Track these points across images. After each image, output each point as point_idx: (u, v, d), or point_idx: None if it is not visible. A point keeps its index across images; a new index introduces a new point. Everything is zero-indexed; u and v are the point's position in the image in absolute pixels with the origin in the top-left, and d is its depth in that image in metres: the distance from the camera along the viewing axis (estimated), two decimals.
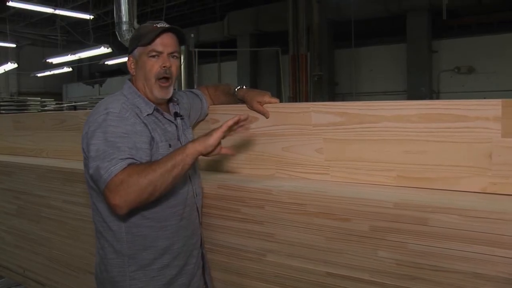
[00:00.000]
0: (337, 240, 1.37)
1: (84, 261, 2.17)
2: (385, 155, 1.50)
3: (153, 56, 1.47)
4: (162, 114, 1.52)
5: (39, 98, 13.26)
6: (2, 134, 3.15)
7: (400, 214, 1.26)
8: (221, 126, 1.36)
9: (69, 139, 2.60)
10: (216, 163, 1.92)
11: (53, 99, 14.69)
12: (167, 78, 1.50)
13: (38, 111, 11.35)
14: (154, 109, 1.49)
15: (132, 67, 1.52)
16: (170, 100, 1.59)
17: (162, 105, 1.55)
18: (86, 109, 12.23)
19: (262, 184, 1.60)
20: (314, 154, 1.65)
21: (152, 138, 1.43)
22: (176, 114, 1.58)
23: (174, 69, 1.51)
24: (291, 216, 1.46)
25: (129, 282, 1.43)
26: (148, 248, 1.44)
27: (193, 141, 1.36)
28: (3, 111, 11.06)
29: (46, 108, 12.93)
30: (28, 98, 13.49)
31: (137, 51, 1.50)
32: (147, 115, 1.47)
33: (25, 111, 11.10)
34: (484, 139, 1.34)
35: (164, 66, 1.48)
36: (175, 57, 1.51)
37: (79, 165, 2.29)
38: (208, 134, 1.35)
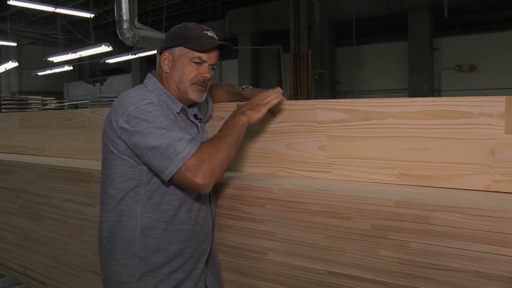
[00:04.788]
0: (339, 238, 1.37)
1: (85, 260, 2.16)
2: (388, 153, 1.50)
3: (195, 62, 1.46)
4: (186, 115, 1.51)
5: (40, 97, 13.27)
6: (7, 133, 3.15)
7: (401, 213, 1.25)
8: (266, 101, 1.50)
9: (72, 138, 2.61)
10: None
11: (54, 98, 14.71)
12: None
13: (39, 110, 11.36)
14: (181, 109, 1.48)
15: (167, 63, 1.48)
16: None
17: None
18: (87, 107, 12.25)
19: (263, 182, 1.59)
20: (317, 151, 1.65)
21: None
22: (196, 116, 1.57)
23: (210, 81, 1.52)
24: (292, 214, 1.46)
25: (137, 284, 1.41)
26: (160, 251, 1.42)
27: (243, 112, 1.46)
28: (4, 110, 11.08)
29: (47, 107, 12.94)
30: (29, 96, 13.50)
31: (179, 50, 1.45)
32: (176, 113, 1.45)
33: (26, 110, 11.12)
34: (487, 136, 1.33)
35: (204, 76, 1.47)
36: (213, 69, 1.51)
37: (80, 164, 2.30)
38: (254, 106, 1.49)
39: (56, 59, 12.81)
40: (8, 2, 9.62)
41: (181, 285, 1.46)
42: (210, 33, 1.48)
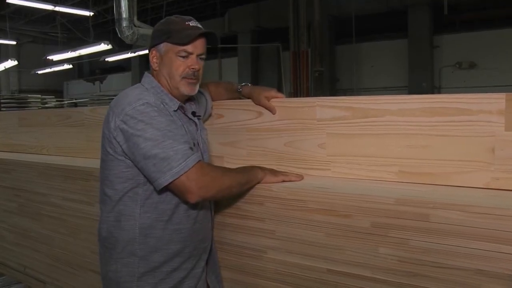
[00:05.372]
0: (338, 236, 1.36)
1: (84, 259, 2.16)
2: (388, 150, 1.49)
3: (182, 56, 1.44)
4: (184, 112, 1.50)
5: (39, 95, 13.26)
6: (7, 131, 3.14)
7: (401, 210, 1.24)
8: (286, 174, 1.55)
9: (71, 136, 2.60)
10: (215, 160, 1.90)
11: (53, 97, 14.70)
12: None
13: (39, 109, 11.35)
14: (178, 107, 1.47)
15: (155, 61, 1.47)
16: (189, 98, 1.56)
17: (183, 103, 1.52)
18: (86, 106, 12.23)
19: None
20: (317, 149, 1.64)
21: None
22: (194, 114, 1.56)
23: (201, 71, 1.49)
24: (291, 212, 1.45)
25: (137, 283, 1.41)
26: (160, 250, 1.42)
27: (263, 170, 1.52)
28: (4, 109, 11.07)
29: (46, 105, 12.92)
30: (29, 95, 13.49)
31: (164, 46, 1.44)
32: (173, 111, 1.45)
33: (25, 109, 11.10)
34: (487, 133, 1.33)
35: (193, 68, 1.45)
36: (202, 59, 1.48)
37: (79, 162, 2.30)
38: (274, 171, 1.54)
39: (55, 57, 12.79)
40: (8, 1, 9.60)
41: (181, 284, 1.46)
42: (192, 23, 1.45)
